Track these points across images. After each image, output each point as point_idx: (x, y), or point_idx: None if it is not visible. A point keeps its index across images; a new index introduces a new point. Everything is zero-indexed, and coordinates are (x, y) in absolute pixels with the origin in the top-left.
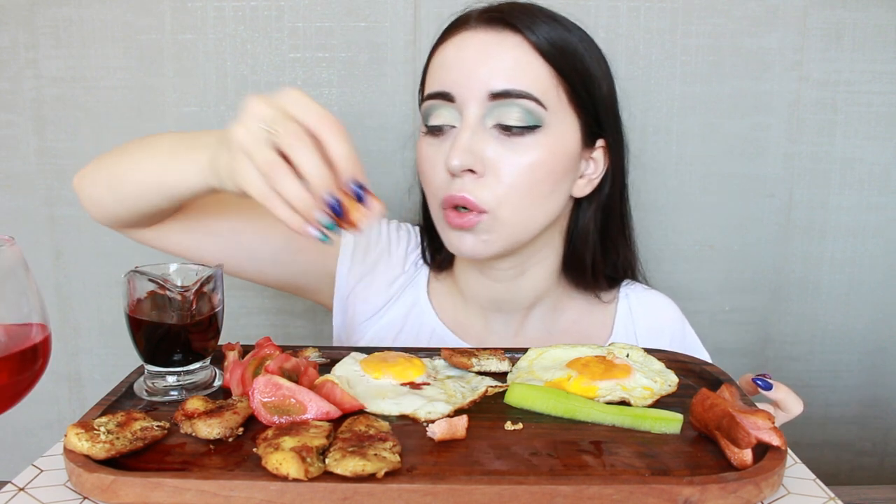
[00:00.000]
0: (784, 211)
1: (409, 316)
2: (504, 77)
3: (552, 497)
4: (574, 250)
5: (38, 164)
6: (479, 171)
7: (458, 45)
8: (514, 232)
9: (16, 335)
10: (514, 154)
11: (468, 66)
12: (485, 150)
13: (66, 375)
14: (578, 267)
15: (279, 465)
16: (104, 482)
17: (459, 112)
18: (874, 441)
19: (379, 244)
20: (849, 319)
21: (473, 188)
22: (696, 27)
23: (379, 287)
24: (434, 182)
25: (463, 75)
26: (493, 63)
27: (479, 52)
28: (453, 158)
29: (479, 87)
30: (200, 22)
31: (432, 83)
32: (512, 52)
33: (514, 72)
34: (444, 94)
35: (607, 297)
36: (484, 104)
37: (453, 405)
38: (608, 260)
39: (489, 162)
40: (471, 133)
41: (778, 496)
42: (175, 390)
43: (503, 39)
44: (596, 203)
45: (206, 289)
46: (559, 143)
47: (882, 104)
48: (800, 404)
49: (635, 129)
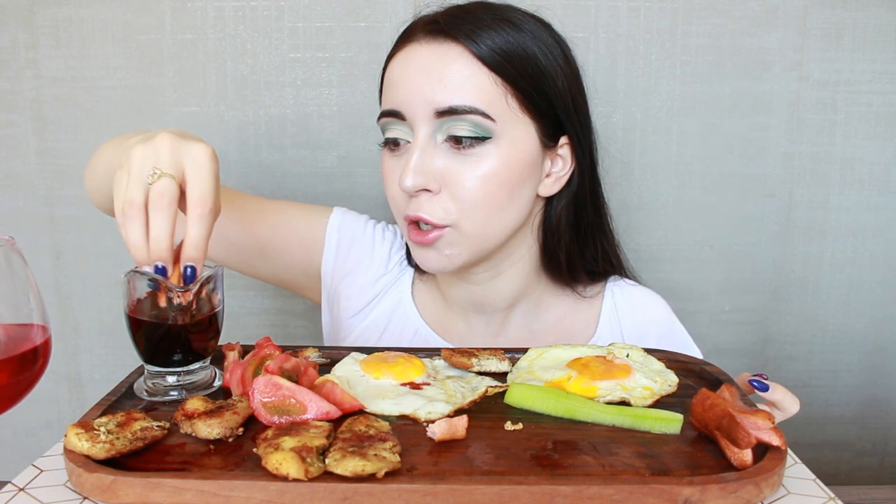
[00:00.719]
0: (784, 211)
1: (394, 315)
2: (448, 93)
3: (552, 497)
4: (548, 247)
5: (38, 164)
6: (433, 189)
7: (403, 61)
8: (478, 243)
9: (16, 335)
10: (466, 168)
11: (413, 84)
12: (437, 167)
13: (66, 375)
14: (554, 263)
15: (279, 465)
16: (104, 482)
17: (411, 129)
18: (874, 441)
19: (362, 242)
20: (849, 319)
21: (430, 207)
22: (696, 27)
23: (362, 285)
24: (394, 199)
25: (410, 94)
26: (435, 80)
27: (422, 70)
28: (406, 180)
29: (425, 105)
30: (200, 22)
31: (385, 101)
32: (454, 65)
33: (458, 87)
34: (395, 113)
35: (589, 291)
36: (432, 121)
37: (453, 405)
38: (585, 254)
39: (443, 178)
40: (420, 152)
41: (778, 496)
42: (175, 390)
43: (445, 53)
44: (566, 199)
45: (206, 289)
46: (513, 152)
47: (882, 104)
48: (796, 403)
49: (635, 129)
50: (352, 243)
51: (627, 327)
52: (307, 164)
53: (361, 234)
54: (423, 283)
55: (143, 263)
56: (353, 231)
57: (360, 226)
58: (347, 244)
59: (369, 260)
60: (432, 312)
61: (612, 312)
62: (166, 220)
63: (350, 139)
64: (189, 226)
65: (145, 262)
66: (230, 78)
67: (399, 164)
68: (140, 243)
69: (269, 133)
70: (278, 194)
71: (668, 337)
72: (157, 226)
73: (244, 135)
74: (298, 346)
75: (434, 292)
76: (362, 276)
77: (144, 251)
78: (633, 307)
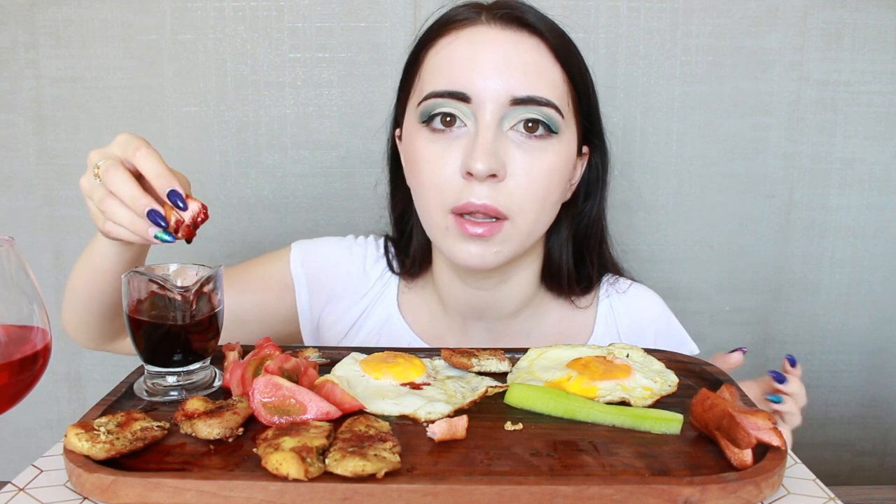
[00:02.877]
0: (784, 211)
1: (383, 332)
2: (527, 83)
3: (552, 497)
4: (551, 257)
5: (38, 164)
6: (501, 175)
7: (471, 42)
8: (524, 241)
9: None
10: (534, 159)
11: (487, 67)
12: (506, 154)
13: (66, 375)
14: (555, 273)
15: (279, 466)
16: (104, 482)
17: (474, 113)
18: (874, 441)
19: (330, 269)
20: (849, 319)
21: (495, 194)
22: (696, 27)
23: (342, 310)
24: (442, 185)
25: (481, 76)
26: (514, 66)
27: (498, 53)
28: (478, 161)
29: (501, 90)
30: (200, 22)
31: (438, 80)
32: (533, 54)
33: (535, 77)
34: (458, 94)
35: (583, 302)
36: (504, 107)
37: (453, 405)
38: (584, 264)
39: (510, 166)
40: (492, 136)
41: (778, 496)
42: (175, 390)
43: (522, 40)
44: (572, 210)
45: (206, 289)
46: (568, 150)
47: (882, 104)
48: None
49: (635, 129)
50: (321, 273)
51: (624, 328)
52: (307, 164)
53: (326, 260)
54: (410, 291)
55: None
56: (318, 261)
57: (325, 252)
58: (316, 276)
59: (344, 282)
60: (425, 323)
61: (609, 313)
62: (125, 181)
63: (350, 139)
64: (143, 170)
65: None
66: (230, 78)
67: (450, 150)
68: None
69: (269, 133)
70: (278, 194)
71: (664, 333)
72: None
73: (244, 135)
74: (298, 346)
75: (426, 300)
76: (341, 300)
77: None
78: (629, 308)
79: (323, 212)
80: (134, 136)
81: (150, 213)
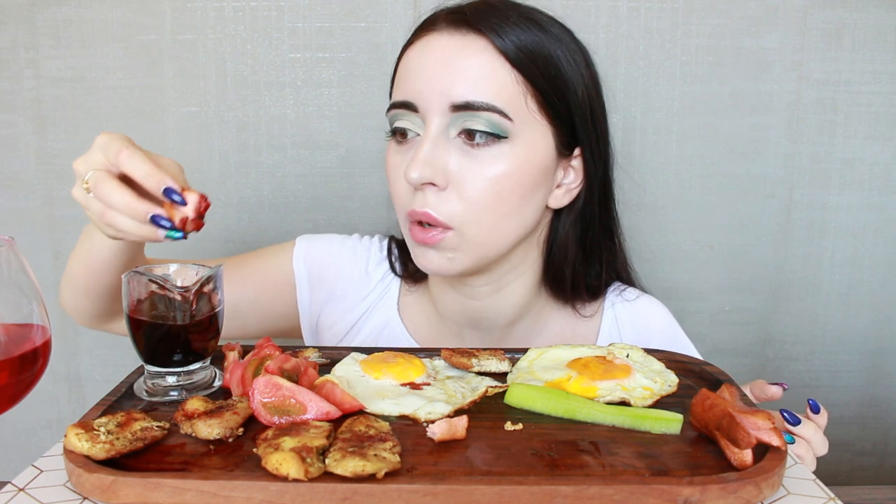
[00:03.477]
0: (784, 211)
1: (381, 336)
2: (466, 87)
3: (552, 497)
4: (553, 263)
5: (38, 164)
6: (440, 184)
7: (421, 51)
8: (482, 249)
9: (16, 335)
10: (478, 166)
11: (429, 74)
12: (447, 163)
13: (66, 375)
14: (558, 280)
15: (279, 466)
16: (104, 482)
17: (423, 121)
18: (874, 441)
19: (334, 266)
20: (849, 319)
21: (436, 203)
22: (696, 27)
23: (343, 310)
24: (398, 194)
25: (425, 85)
26: (455, 72)
27: (441, 60)
28: (412, 171)
29: (441, 98)
30: (200, 22)
31: (397, 91)
32: (475, 58)
33: (477, 82)
34: (407, 104)
35: (588, 310)
36: (447, 115)
37: (453, 405)
38: (590, 272)
39: (452, 175)
40: (432, 145)
41: (778, 496)
42: (175, 390)
43: (467, 45)
44: (574, 214)
45: (206, 289)
46: (528, 155)
47: (882, 104)
48: (825, 446)
49: (635, 129)
50: (322, 271)
51: (627, 332)
52: (307, 164)
53: (329, 258)
54: (411, 294)
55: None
56: (320, 258)
57: (328, 250)
58: (318, 273)
59: (345, 283)
60: (423, 329)
61: (613, 325)
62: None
63: (350, 139)
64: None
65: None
66: (230, 78)
67: (406, 158)
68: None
69: (269, 133)
70: (278, 194)
71: (669, 347)
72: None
73: (244, 135)
74: (298, 346)
75: (425, 306)
76: (341, 301)
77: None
78: (634, 320)
79: (323, 212)
80: (113, 137)
81: (152, 218)
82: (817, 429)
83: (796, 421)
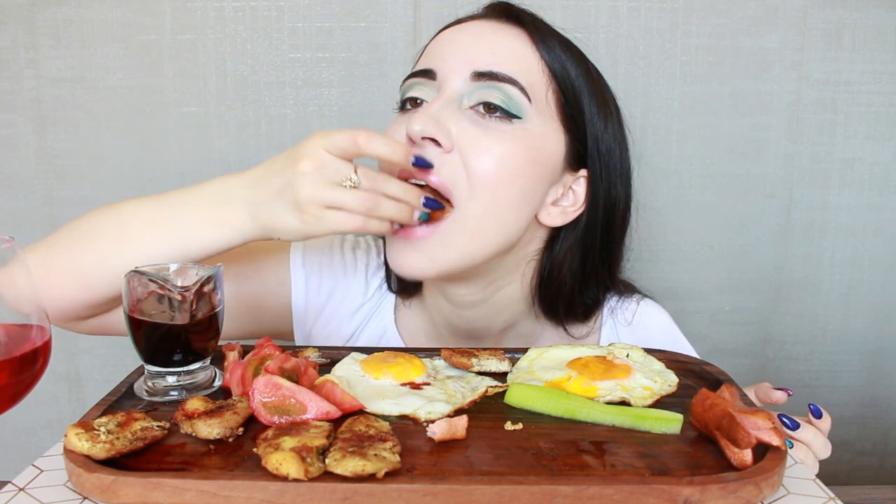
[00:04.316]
0: (784, 211)
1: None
2: (492, 58)
3: (552, 497)
4: (547, 288)
5: (38, 164)
6: (444, 144)
7: (454, 29)
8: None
9: (16, 335)
10: (487, 138)
11: (457, 45)
12: (455, 126)
13: (66, 375)
14: (550, 303)
15: (279, 465)
16: (104, 482)
17: (437, 89)
18: (874, 441)
19: (332, 272)
20: (849, 319)
21: (439, 163)
22: (696, 27)
23: (340, 319)
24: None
25: (449, 52)
26: (484, 45)
27: (473, 35)
28: (415, 123)
29: (464, 63)
30: (200, 22)
31: (418, 64)
32: (509, 40)
33: (505, 57)
34: (426, 72)
35: (580, 331)
36: (466, 83)
37: (453, 405)
38: (585, 296)
39: (458, 139)
40: (442, 105)
41: (778, 496)
42: (175, 390)
43: (503, 27)
44: (572, 240)
45: (206, 289)
46: (536, 144)
47: (882, 104)
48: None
49: (635, 129)
50: (321, 276)
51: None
52: None
53: (329, 262)
54: (407, 308)
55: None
56: (319, 262)
57: (327, 254)
58: (317, 278)
59: (343, 291)
60: (421, 340)
61: (612, 332)
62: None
63: None
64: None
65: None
66: (230, 78)
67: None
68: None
69: (269, 133)
70: None
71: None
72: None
73: (244, 135)
74: (298, 346)
75: (421, 317)
76: (338, 309)
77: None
78: (633, 330)
79: None
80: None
81: (425, 202)
82: (817, 432)
83: (795, 425)
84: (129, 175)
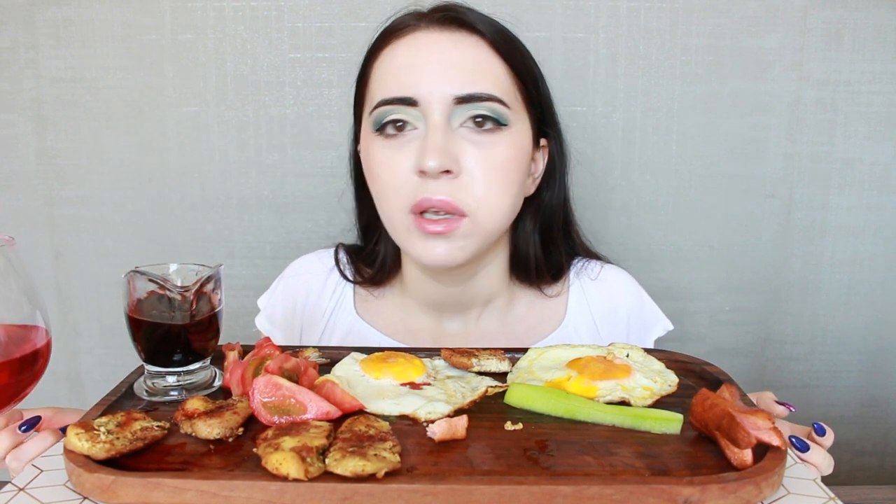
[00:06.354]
0: (784, 211)
1: (347, 340)
2: (467, 80)
3: (552, 497)
4: (518, 250)
5: (38, 164)
6: (455, 171)
7: (410, 47)
8: (488, 235)
9: (16, 335)
10: (487, 152)
11: (428, 69)
12: (458, 151)
13: (66, 375)
14: (523, 266)
15: (279, 465)
16: (104, 482)
17: (423, 115)
18: (874, 441)
19: (290, 311)
20: (849, 319)
21: (453, 190)
22: (696, 27)
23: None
24: (398, 186)
25: (423, 80)
26: (454, 66)
27: (438, 54)
28: (430, 160)
29: (443, 91)
30: (200, 22)
31: (386, 88)
32: (471, 52)
33: (476, 74)
34: (405, 99)
35: (552, 291)
36: (449, 107)
37: (453, 405)
38: (551, 259)
39: (464, 162)
40: (441, 134)
41: (778, 496)
42: (175, 390)
43: (461, 40)
44: (536, 203)
45: (206, 289)
46: (521, 141)
47: (882, 104)
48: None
49: (635, 129)
50: (289, 320)
51: (598, 312)
52: (307, 164)
53: (286, 303)
54: (373, 297)
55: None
56: (281, 309)
57: (280, 298)
58: (286, 323)
59: (311, 315)
60: (391, 323)
61: (581, 297)
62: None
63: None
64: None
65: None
66: (230, 78)
67: (403, 152)
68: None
69: (269, 133)
70: (278, 194)
71: (637, 314)
72: None
73: (244, 135)
74: (298, 347)
75: (390, 300)
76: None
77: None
78: (600, 291)
79: (323, 212)
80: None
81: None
82: (826, 454)
83: (805, 448)
84: (129, 175)
